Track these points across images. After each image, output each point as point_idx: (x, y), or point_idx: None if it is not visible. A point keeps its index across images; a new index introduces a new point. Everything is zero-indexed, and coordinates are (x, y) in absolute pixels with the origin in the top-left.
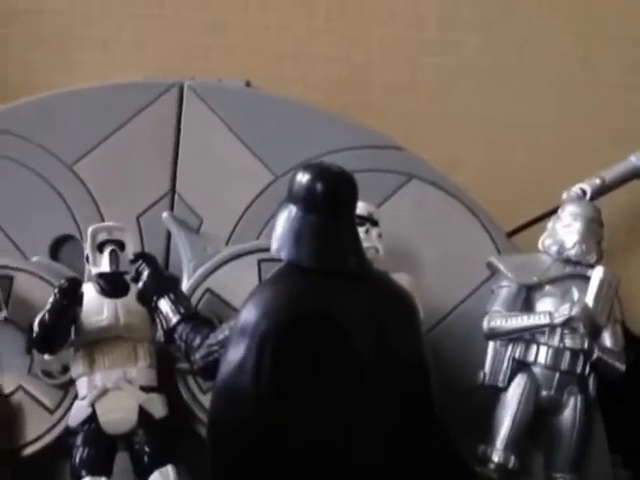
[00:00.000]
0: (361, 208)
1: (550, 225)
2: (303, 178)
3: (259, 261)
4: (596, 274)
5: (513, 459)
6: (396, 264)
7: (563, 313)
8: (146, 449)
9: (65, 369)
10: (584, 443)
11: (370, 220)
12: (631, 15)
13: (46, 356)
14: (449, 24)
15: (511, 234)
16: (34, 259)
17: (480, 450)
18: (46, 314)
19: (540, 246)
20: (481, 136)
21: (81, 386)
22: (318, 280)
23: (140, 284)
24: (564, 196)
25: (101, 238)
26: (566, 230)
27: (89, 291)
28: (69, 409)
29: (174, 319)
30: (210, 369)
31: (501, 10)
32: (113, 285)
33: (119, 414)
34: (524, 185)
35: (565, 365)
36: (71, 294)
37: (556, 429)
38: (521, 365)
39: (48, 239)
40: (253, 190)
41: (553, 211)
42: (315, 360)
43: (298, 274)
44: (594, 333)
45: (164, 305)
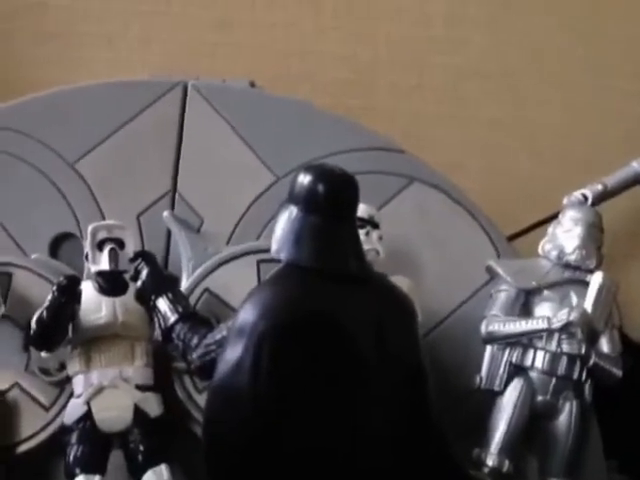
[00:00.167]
0: (362, 210)
1: (550, 230)
2: (304, 179)
3: (258, 262)
4: (595, 279)
5: (507, 463)
6: (396, 266)
7: (561, 318)
8: (140, 448)
9: (62, 366)
10: (579, 448)
11: (371, 222)
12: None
13: (43, 353)
14: (456, 22)
15: (512, 238)
16: (33, 256)
17: (475, 454)
18: (44, 311)
19: (540, 251)
20: (485, 139)
21: (77, 384)
22: (317, 281)
23: (139, 283)
24: (565, 201)
25: (101, 236)
26: (566, 235)
27: (88, 289)
28: (64, 407)
29: (172, 318)
30: (207, 369)
31: (508, 9)
32: (112, 283)
33: (114, 412)
34: (526, 189)
35: (562, 370)
36: (69, 292)
37: (551, 434)
38: (518, 369)
39: (48, 236)
40: (254, 191)
41: (554, 216)
42: (313, 361)
43: (297, 275)
44: (592, 339)
45: (162, 304)
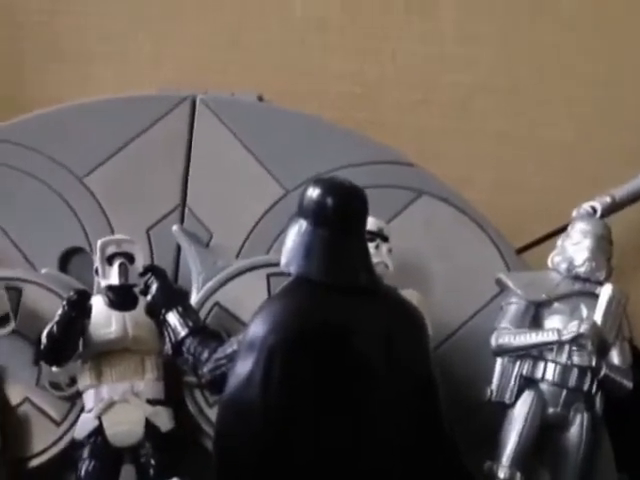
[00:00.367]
0: (371, 223)
1: (560, 243)
2: (314, 193)
3: (268, 275)
4: (605, 291)
5: (519, 476)
6: (405, 280)
7: (571, 330)
8: (152, 462)
9: (73, 381)
10: (590, 460)
11: (380, 236)
12: None
13: (54, 368)
14: (464, 40)
15: (521, 251)
16: (43, 271)
17: (486, 466)
18: (54, 326)
19: (549, 263)
20: (493, 153)
21: (88, 398)
22: (327, 294)
23: (149, 297)
24: (574, 214)
25: (110, 251)
26: (576, 248)
27: (98, 303)
28: (75, 421)
29: (182, 332)
30: (218, 383)
31: (517, 26)
32: (122, 298)
33: (125, 426)
34: (535, 202)
35: (572, 382)
36: (80, 306)
37: (562, 446)
38: (528, 382)
39: (58, 251)
40: (263, 204)
41: (563, 228)
42: (323, 374)
43: (307, 288)
44: (602, 351)
45: (172, 318)
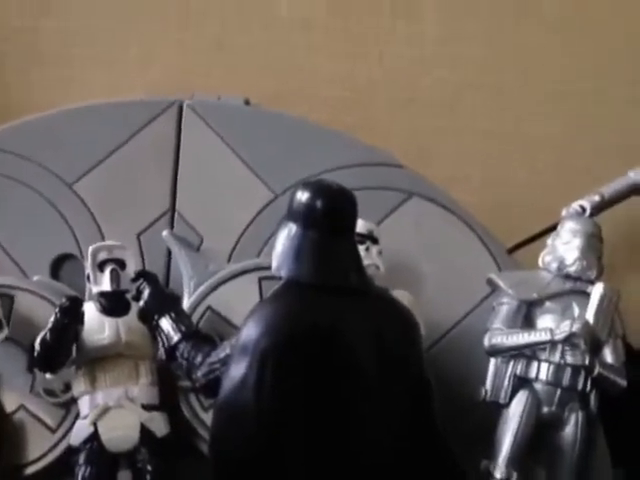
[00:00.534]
0: (361, 226)
1: (550, 242)
2: (303, 196)
3: (260, 279)
4: (596, 290)
5: (515, 475)
6: (396, 281)
7: (564, 329)
8: (148, 467)
9: (67, 387)
10: (586, 459)
11: (370, 238)
12: (634, 32)
13: (48, 375)
14: (450, 41)
15: (511, 250)
16: (35, 278)
17: (482, 466)
18: (47, 333)
19: (540, 263)
20: (482, 152)
21: (83, 404)
22: (318, 297)
23: (141, 302)
24: (563, 213)
25: (102, 257)
26: (566, 247)
27: (90, 310)
28: (71, 428)
29: (175, 337)
30: (212, 387)
31: (503, 26)
32: (114, 304)
33: (121, 432)
34: (525, 201)
35: (566, 381)
36: (72, 313)
37: (558, 445)
38: (522, 381)
39: (49, 258)
40: (253, 208)
41: (553, 227)
42: (315, 375)
43: (298, 291)
44: (595, 349)
45: (165, 323)
